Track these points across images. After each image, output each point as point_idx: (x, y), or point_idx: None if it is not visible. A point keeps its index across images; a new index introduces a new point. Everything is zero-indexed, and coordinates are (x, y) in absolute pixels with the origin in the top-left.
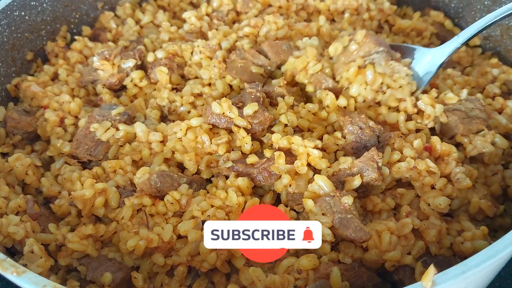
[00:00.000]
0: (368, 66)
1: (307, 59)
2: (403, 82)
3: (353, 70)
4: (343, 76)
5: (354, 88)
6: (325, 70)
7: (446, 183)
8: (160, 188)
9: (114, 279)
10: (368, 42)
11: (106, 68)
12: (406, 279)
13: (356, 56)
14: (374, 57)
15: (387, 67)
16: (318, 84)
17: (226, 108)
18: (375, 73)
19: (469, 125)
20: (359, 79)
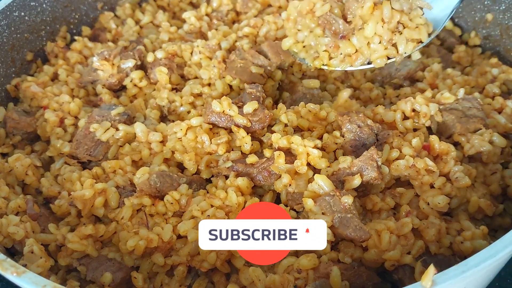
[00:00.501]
0: (384, 2)
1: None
2: (420, 21)
3: (368, 5)
4: (356, 14)
5: (370, 26)
6: (334, 10)
7: (445, 182)
8: (160, 188)
9: (114, 279)
10: None
11: (106, 68)
12: (405, 278)
13: None
14: None
15: (405, 2)
16: (327, 26)
17: (226, 106)
18: (392, 10)
19: (467, 124)
20: (375, 16)
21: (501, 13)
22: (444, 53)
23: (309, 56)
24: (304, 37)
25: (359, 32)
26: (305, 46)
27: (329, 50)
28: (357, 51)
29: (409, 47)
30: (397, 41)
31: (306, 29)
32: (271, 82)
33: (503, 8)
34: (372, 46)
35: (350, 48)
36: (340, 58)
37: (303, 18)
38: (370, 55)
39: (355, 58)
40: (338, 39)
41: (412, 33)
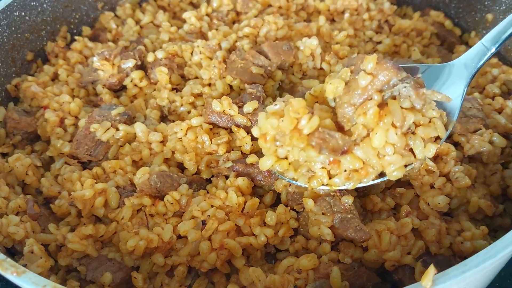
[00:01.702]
0: (391, 103)
1: (295, 115)
2: (435, 114)
3: (372, 111)
4: (358, 122)
5: (378, 137)
6: (324, 122)
7: (445, 182)
8: (160, 188)
9: (114, 279)
10: (385, 69)
11: (106, 68)
12: (406, 279)
13: (371, 91)
14: (398, 88)
15: (419, 99)
16: (324, 145)
17: (227, 105)
18: (402, 110)
19: (466, 124)
20: (384, 124)
21: (501, 13)
22: (444, 53)
23: (301, 175)
24: (287, 152)
25: (364, 142)
26: (290, 163)
27: (327, 167)
28: (365, 164)
29: (430, 150)
30: (412, 144)
31: (288, 146)
32: (272, 82)
33: (503, 8)
34: (386, 158)
35: (356, 163)
36: (344, 175)
37: (286, 137)
38: (384, 168)
39: (365, 173)
40: (338, 155)
41: (428, 131)
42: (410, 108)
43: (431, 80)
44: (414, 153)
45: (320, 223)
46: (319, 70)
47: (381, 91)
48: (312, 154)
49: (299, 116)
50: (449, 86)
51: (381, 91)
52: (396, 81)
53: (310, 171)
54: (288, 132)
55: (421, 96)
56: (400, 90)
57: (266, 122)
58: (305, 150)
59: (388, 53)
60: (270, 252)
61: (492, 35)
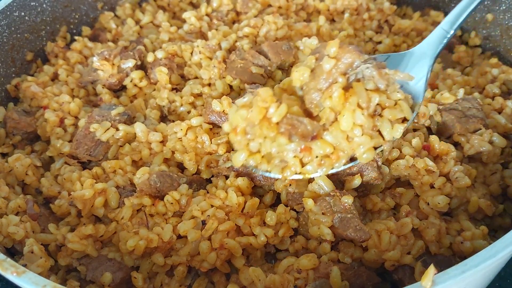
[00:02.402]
0: (355, 85)
1: (263, 104)
2: (399, 96)
3: (338, 94)
4: (325, 106)
5: (346, 118)
6: (292, 109)
7: (445, 182)
8: (160, 188)
9: (114, 279)
10: (347, 52)
11: (106, 68)
12: (405, 278)
13: (336, 74)
14: (360, 69)
15: (382, 79)
16: (293, 131)
17: (226, 105)
18: (367, 92)
19: (466, 124)
20: (350, 104)
21: (501, 13)
22: (444, 53)
23: (274, 166)
24: (259, 145)
25: (332, 126)
26: (264, 156)
27: (299, 156)
28: (336, 149)
29: (397, 130)
30: (380, 126)
31: (259, 137)
32: (272, 82)
33: (503, 8)
34: (355, 140)
35: (327, 148)
36: (316, 161)
37: (256, 128)
38: (354, 150)
39: (336, 158)
40: (308, 141)
41: (394, 112)
42: (374, 89)
43: (393, 67)
44: (382, 135)
45: (320, 223)
46: None
47: (345, 74)
48: (282, 142)
49: (267, 105)
50: (411, 70)
51: (345, 74)
52: (359, 63)
53: (283, 162)
54: (258, 122)
55: (384, 76)
56: (363, 71)
57: (236, 114)
58: (276, 139)
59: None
60: (270, 252)
61: (450, 18)
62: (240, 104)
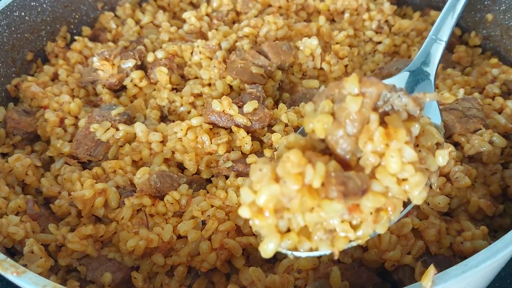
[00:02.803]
0: (391, 119)
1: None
2: (427, 121)
3: (379, 133)
4: (365, 151)
5: (393, 159)
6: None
7: (445, 182)
8: (160, 188)
9: (114, 279)
10: (371, 84)
11: (106, 69)
12: (406, 279)
13: (366, 113)
14: (391, 99)
15: (415, 105)
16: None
17: (226, 105)
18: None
19: (466, 124)
20: (396, 141)
21: (501, 13)
22: (444, 53)
23: (320, 242)
24: (288, 221)
25: (379, 172)
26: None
27: (347, 219)
28: (388, 197)
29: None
30: (424, 157)
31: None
32: (272, 82)
33: (503, 8)
34: (410, 180)
35: (379, 199)
36: (370, 219)
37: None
38: (408, 192)
39: (392, 208)
40: (360, 197)
41: (429, 138)
42: (408, 119)
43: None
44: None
45: None
46: (319, 70)
47: (375, 109)
48: (337, 207)
49: (302, 169)
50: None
51: (376, 109)
52: (387, 94)
53: (328, 232)
54: (295, 193)
55: (417, 101)
56: (393, 101)
57: (264, 190)
58: (323, 207)
59: (388, 53)
60: None
61: (439, 27)
62: (258, 178)
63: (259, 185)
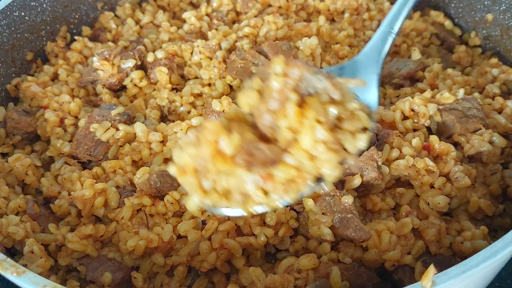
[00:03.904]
0: (309, 99)
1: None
2: (356, 106)
3: (292, 111)
4: (281, 127)
5: (305, 136)
6: (246, 136)
7: (445, 182)
8: (160, 188)
9: (114, 279)
10: (295, 66)
11: (106, 68)
12: (406, 278)
13: (287, 91)
14: (311, 82)
15: (336, 89)
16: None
17: (226, 105)
18: (323, 104)
19: (466, 124)
20: (308, 120)
21: (501, 13)
22: (444, 53)
23: (235, 202)
24: (213, 183)
25: (293, 147)
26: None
27: (262, 186)
28: (300, 171)
29: (359, 141)
30: (342, 139)
31: (212, 173)
32: None
33: (503, 8)
34: (321, 157)
35: (290, 171)
36: (281, 188)
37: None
38: (319, 169)
39: (302, 181)
40: (270, 168)
41: (354, 123)
42: (329, 101)
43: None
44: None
45: (320, 223)
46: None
47: (296, 89)
48: (242, 174)
49: (217, 137)
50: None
51: (297, 90)
52: (309, 77)
53: (244, 195)
54: (209, 158)
55: (337, 85)
56: (315, 85)
57: (182, 155)
58: (234, 173)
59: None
60: (270, 252)
61: (390, 19)
62: (185, 142)
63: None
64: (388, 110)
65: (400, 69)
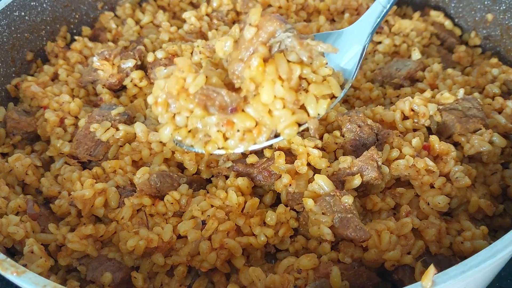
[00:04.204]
0: (276, 55)
1: (180, 74)
2: (327, 72)
3: (256, 63)
4: (245, 76)
5: (266, 89)
6: (211, 80)
7: (445, 182)
8: (160, 188)
9: (114, 279)
10: (269, 20)
11: (106, 68)
12: (406, 278)
13: (256, 44)
14: (281, 38)
15: (303, 50)
16: (209, 102)
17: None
18: (288, 63)
19: (466, 124)
20: (269, 74)
21: (501, 13)
22: (444, 53)
23: (198, 141)
24: (185, 119)
25: (254, 99)
26: (190, 130)
27: (222, 130)
28: (258, 123)
29: (321, 106)
30: (304, 101)
31: (184, 110)
32: None
33: (503, 8)
34: (275, 113)
35: (247, 121)
36: (238, 136)
37: (176, 100)
38: (276, 125)
39: (258, 133)
40: (228, 114)
41: (321, 88)
42: (297, 62)
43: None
44: (307, 112)
45: (320, 223)
46: None
47: (266, 43)
48: (198, 113)
49: (184, 75)
50: (347, 47)
51: (266, 44)
52: (280, 32)
53: (206, 136)
54: (176, 92)
55: (305, 46)
56: (285, 41)
57: (155, 85)
58: (194, 111)
59: (388, 53)
60: (270, 252)
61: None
62: (161, 75)
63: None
64: (388, 110)
65: (400, 69)
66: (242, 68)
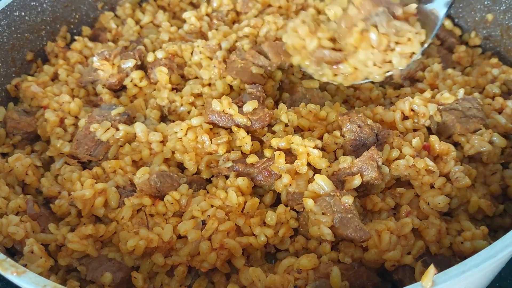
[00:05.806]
0: (371, 29)
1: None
2: (411, 36)
3: (356, 35)
4: (347, 42)
5: (362, 53)
6: (322, 42)
7: (445, 182)
8: (160, 188)
9: (114, 279)
10: (366, 4)
11: (106, 68)
12: (406, 279)
13: (357, 20)
14: (375, 19)
15: (390, 28)
16: (321, 59)
17: (226, 105)
18: (379, 35)
19: (466, 124)
20: (364, 43)
21: (501, 13)
22: (444, 53)
23: (316, 71)
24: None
25: (353, 56)
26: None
27: (333, 70)
28: (356, 69)
29: (403, 62)
30: (391, 58)
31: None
32: (272, 82)
33: (503, 8)
34: (369, 69)
35: (349, 68)
36: (342, 76)
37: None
38: (368, 74)
39: (356, 76)
40: (333, 67)
41: (405, 48)
42: (386, 34)
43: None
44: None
45: (320, 223)
46: None
47: (364, 20)
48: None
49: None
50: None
51: (364, 20)
52: (374, 14)
53: (321, 70)
54: (299, 48)
55: (391, 26)
56: (377, 20)
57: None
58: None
59: None
60: (270, 252)
61: None
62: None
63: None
64: (388, 110)
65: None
66: (345, 35)
